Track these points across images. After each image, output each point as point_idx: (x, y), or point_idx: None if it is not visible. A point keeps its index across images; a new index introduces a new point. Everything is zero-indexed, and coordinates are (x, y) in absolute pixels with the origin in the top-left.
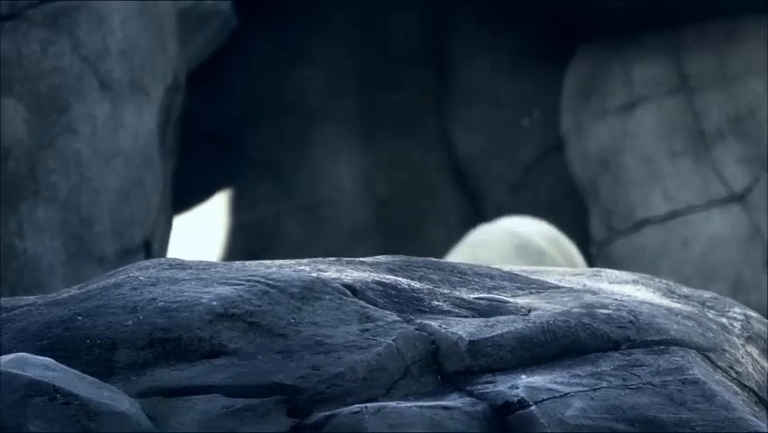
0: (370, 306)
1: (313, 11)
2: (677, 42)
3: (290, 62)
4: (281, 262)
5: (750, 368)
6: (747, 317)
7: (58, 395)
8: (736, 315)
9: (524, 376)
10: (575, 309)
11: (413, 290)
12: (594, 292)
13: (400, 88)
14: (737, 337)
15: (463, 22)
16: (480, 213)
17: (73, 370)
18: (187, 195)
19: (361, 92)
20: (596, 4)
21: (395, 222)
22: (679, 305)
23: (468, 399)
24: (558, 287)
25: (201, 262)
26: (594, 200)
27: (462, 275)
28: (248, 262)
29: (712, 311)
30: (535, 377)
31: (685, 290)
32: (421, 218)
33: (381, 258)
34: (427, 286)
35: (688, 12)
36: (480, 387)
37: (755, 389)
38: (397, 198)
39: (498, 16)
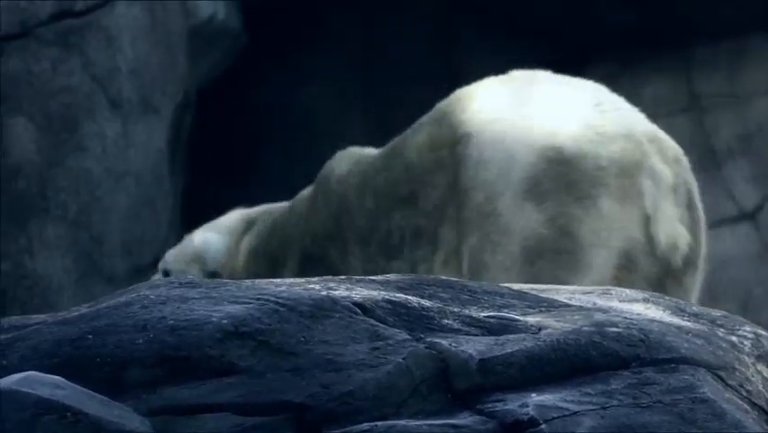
0: (381, 324)
1: (321, 31)
2: (687, 61)
3: (298, 81)
4: (291, 280)
5: (760, 386)
6: (757, 336)
7: (68, 414)
8: (746, 333)
9: (534, 394)
10: (585, 328)
11: (423, 308)
12: (604, 311)
13: (407, 106)
14: (747, 356)
15: (471, 39)
16: None
17: (83, 388)
18: (197, 213)
19: (367, 110)
20: (606, 22)
21: None
22: (689, 323)
23: (478, 417)
24: (568, 305)
25: (211, 280)
26: None
27: (472, 293)
28: (258, 281)
29: (722, 329)
30: (546, 395)
31: (695, 309)
32: None
33: (391, 276)
34: (437, 304)
35: (698, 31)
36: (489, 405)
37: (765, 407)
38: None
39: (507, 34)
